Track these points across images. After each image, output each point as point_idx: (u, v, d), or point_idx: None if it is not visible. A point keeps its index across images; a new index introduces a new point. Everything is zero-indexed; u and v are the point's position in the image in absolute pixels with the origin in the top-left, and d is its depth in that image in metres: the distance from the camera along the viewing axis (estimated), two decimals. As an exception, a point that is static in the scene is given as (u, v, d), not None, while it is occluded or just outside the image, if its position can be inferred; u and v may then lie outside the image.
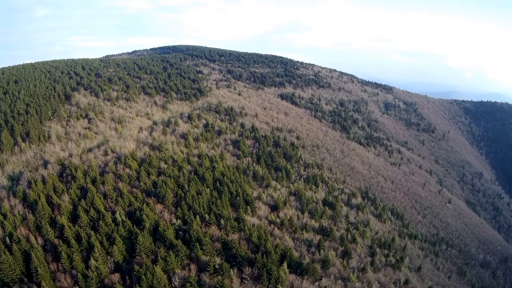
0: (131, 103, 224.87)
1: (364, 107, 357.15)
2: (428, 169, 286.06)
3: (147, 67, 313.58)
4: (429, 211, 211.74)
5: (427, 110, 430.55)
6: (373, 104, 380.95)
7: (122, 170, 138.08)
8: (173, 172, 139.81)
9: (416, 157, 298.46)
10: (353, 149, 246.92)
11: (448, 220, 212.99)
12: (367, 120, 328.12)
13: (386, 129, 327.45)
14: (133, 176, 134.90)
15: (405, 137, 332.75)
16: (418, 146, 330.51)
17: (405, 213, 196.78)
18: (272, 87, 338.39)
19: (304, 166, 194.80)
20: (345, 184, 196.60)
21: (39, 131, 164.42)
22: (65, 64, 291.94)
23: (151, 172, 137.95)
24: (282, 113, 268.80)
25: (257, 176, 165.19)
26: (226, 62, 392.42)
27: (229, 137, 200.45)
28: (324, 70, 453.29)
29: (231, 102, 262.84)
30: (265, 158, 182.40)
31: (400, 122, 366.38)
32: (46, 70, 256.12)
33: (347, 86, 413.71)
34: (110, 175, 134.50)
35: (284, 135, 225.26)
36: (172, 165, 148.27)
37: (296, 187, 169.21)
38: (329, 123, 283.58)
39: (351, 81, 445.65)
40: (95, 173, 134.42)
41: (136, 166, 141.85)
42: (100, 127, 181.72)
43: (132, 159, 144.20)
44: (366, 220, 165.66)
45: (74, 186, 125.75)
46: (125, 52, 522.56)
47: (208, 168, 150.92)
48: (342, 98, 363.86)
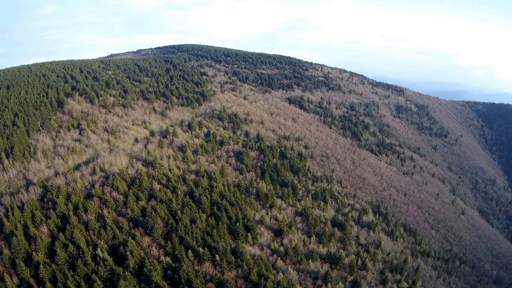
0: (127, 110, 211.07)
1: (375, 110, 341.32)
2: (441, 177, 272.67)
3: (149, 69, 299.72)
4: (442, 225, 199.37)
5: (439, 113, 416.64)
6: (385, 107, 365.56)
7: (109, 194, 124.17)
8: (165, 195, 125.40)
9: (429, 164, 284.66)
10: (364, 158, 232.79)
11: (462, 233, 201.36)
12: (379, 125, 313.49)
13: (398, 134, 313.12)
14: (120, 201, 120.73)
15: (417, 143, 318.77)
16: (431, 152, 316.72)
17: (418, 228, 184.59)
18: (279, 90, 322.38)
19: (312, 179, 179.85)
20: (355, 199, 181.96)
21: (25, 146, 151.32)
22: (62, 66, 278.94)
23: (141, 196, 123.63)
24: (290, 119, 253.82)
25: (260, 194, 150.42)
26: (232, 63, 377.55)
27: (232, 148, 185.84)
28: (334, 71, 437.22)
29: (235, 107, 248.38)
30: (270, 172, 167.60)
31: (412, 126, 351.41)
32: (41, 74, 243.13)
33: (357, 88, 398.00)
34: (95, 200, 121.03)
35: (291, 144, 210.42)
36: (165, 186, 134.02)
37: (303, 205, 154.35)
38: (339, 129, 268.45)
39: (361, 83, 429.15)
40: (79, 197, 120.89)
41: (125, 188, 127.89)
42: (91, 139, 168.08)
43: (121, 180, 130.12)
44: (377, 240, 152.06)
45: (54, 215, 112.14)
46: (130, 51, 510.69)
47: (205, 188, 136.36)
48: (352, 101, 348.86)
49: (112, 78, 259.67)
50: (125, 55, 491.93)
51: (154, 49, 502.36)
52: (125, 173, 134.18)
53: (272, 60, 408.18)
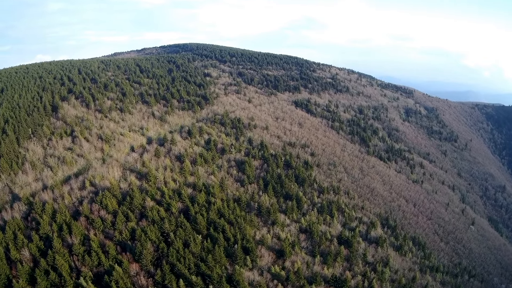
0: (125, 115, 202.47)
1: (384, 114, 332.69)
2: (451, 184, 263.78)
3: (150, 69, 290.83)
4: (452, 237, 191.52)
5: (448, 116, 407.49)
6: (394, 111, 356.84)
7: (97, 212, 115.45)
8: (158, 215, 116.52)
9: (438, 171, 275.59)
10: (373, 166, 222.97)
11: (471, 245, 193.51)
12: (388, 129, 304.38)
13: (408, 139, 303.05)
14: (108, 221, 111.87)
15: (427, 148, 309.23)
16: (441, 157, 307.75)
17: (428, 241, 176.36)
18: (286, 92, 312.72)
19: (318, 190, 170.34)
20: (363, 211, 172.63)
21: (13, 156, 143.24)
22: (61, 66, 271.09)
23: (131, 216, 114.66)
24: (296, 124, 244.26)
25: (262, 209, 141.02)
26: (237, 64, 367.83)
27: (234, 157, 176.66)
28: (342, 72, 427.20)
29: (239, 111, 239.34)
30: (274, 184, 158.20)
31: (421, 130, 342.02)
32: (37, 75, 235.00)
33: (366, 90, 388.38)
34: (81, 220, 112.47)
35: (297, 151, 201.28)
36: (158, 203, 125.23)
37: (308, 220, 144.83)
38: (347, 134, 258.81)
39: (370, 84, 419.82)
40: (65, 216, 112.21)
41: (115, 205, 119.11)
42: (84, 147, 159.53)
43: (111, 196, 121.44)
44: (385, 256, 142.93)
45: (36, 238, 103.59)
46: (134, 50, 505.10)
47: (202, 205, 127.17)
48: (361, 104, 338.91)
49: (111, 79, 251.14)
50: (129, 53, 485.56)
51: (159, 48, 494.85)
52: (116, 189, 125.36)
53: (278, 60, 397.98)
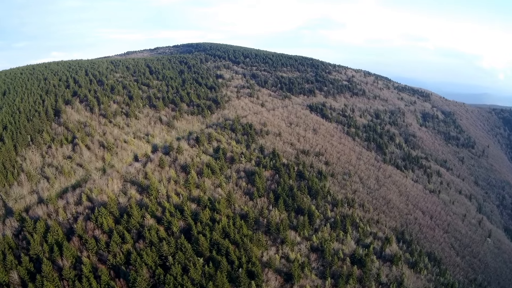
0: (130, 120, 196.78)
1: (401, 118, 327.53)
2: (468, 193, 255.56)
3: (160, 71, 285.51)
4: (468, 251, 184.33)
5: (465, 121, 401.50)
6: (411, 115, 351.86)
7: (91, 232, 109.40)
8: (156, 235, 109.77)
9: (455, 179, 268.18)
10: (389, 175, 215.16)
11: (487, 259, 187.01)
12: (404, 135, 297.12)
13: (425, 145, 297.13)
14: (102, 242, 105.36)
15: (444, 155, 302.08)
16: (458, 165, 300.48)
17: (443, 256, 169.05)
18: (300, 95, 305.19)
19: (332, 204, 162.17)
20: (378, 225, 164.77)
21: (10, 165, 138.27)
22: (68, 67, 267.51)
23: (127, 237, 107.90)
24: (311, 130, 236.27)
25: (271, 226, 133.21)
26: (251, 65, 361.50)
27: (244, 167, 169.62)
28: (358, 75, 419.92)
29: (251, 116, 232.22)
30: (285, 197, 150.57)
31: (439, 136, 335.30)
32: (42, 77, 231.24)
33: (382, 94, 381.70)
34: (74, 240, 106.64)
35: (310, 160, 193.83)
36: (159, 221, 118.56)
37: (320, 237, 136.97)
38: (363, 141, 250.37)
39: (386, 87, 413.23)
40: (58, 236, 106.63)
41: (111, 223, 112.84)
42: (84, 156, 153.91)
43: (107, 213, 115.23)
44: (400, 275, 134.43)
45: (26, 259, 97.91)
46: (147, 49, 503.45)
47: (206, 224, 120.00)
48: (377, 108, 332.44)
49: (119, 81, 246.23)
50: (142, 53, 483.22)
51: (172, 47, 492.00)
52: (113, 205, 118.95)
53: (293, 62, 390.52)
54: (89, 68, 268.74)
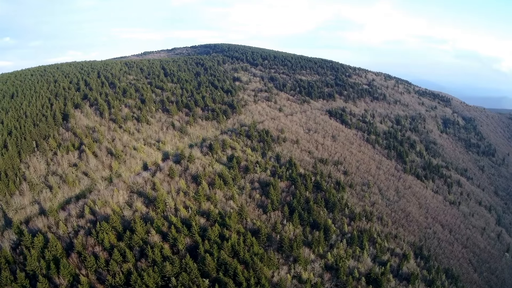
0: (141, 125, 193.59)
1: (422, 124, 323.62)
2: (487, 204, 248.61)
3: (175, 73, 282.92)
4: (486, 267, 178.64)
5: (486, 128, 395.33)
6: (431, 121, 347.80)
7: (91, 248, 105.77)
8: (160, 254, 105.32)
9: (475, 189, 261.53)
10: (409, 186, 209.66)
11: (505, 275, 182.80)
12: (425, 142, 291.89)
13: (445, 153, 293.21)
14: (102, 260, 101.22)
15: (464, 163, 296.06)
16: (478, 174, 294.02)
17: (461, 273, 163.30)
18: (319, 99, 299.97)
19: (349, 217, 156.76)
20: (396, 240, 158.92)
21: (12, 173, 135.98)
22: (80, 68, 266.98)
23: (128, 256, 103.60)
24: (329, 137, 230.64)
25: (284, 243, 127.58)
26: (269, 67, 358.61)
27: (258, 177, 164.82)
28: (378, 78, 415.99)
29: (268, 122, 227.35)
30: (300, 210, 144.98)
31: (459, 143, 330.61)
32: (53, 79, 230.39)
33: (403, 98, 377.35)
34: (73, 257, 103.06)
35: (328, 169, 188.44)
36: (164, 237, 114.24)
37: (336, 254, 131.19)
38: (383, 149, 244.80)
39: (407, 91, 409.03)
40: (56, 251, 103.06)
41: (113, 239, 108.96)
42: (90, 164, 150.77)
43: (110, 229, 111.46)
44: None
45: (21, 276, 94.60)
46: (164, 49, 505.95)
47: (214, 242, 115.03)
48: (398, 113, 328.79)
49: (132, 84, 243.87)
50: (159, 53, 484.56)
51: (189, 48, 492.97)
52: (116, 219, 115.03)
53: (313, 64, 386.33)
54: (102, 69, 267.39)
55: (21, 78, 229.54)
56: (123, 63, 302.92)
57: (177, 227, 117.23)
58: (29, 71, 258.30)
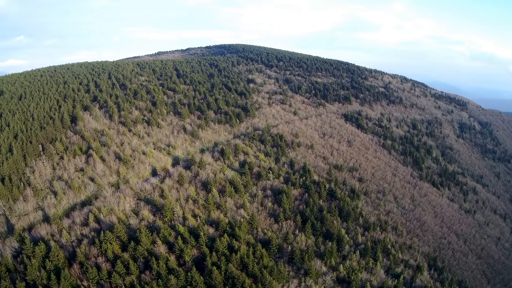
0: (151, 129, 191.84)
1: (438, 129, 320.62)
2: (503, 213, 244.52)
3: (189, 74, 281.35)
4: (499, 278, 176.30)
5: (502, 132, 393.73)
6: (448, 125, 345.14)
7: (94, 259, 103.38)
8: (165, 266, 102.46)
9: (491, 197, 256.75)
10: (425, 194, 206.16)
11: None
12: (441, 147, 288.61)
13: (461, 159, 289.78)
14: (104, 271, 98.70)
15: (480, 169, 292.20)
16: (494, 180, 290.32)
17: (474, 285, 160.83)
18: (335, 103, 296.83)
19: (363, 227, 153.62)
20: (411, 251, 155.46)
21: (16, 178, 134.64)
22: (91, 69, 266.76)
23: (132, 268, 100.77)
24: (345, 141, 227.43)
25: (295, 255, 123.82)
26: (284, 69, 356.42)
27: (271, 184, 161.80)
28: (395, 81, 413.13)
29: (282, 125, 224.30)
30: (313, 220, 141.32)
31: (475, 149, 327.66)
32: (62, 80, 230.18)
33: (420, 102, 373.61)
34: (75, 267, 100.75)
35: (343, 176, 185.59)
36: (170, 248, 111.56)
37: (348, 266, 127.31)
38: (399, 155, 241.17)
39: (423, 95, 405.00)
40: (58, 260, 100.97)
41: (117, 250, 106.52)
42: (97, 169, 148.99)
43: (114, 238, 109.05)
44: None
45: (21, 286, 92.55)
46: (178, 49, 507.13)
47: (222, 253, 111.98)
48: (414, 117, 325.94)
49: (143, 86, 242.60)
50: (173, 53, 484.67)
51: (204, 48, 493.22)
52: (121, 229, 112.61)
53: (328, 66, 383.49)
54: (113, 70, 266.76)
55: (31, 79, 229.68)
56: (135, 64, 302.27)
57: (184, 238, 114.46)
58: (39, 71, 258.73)
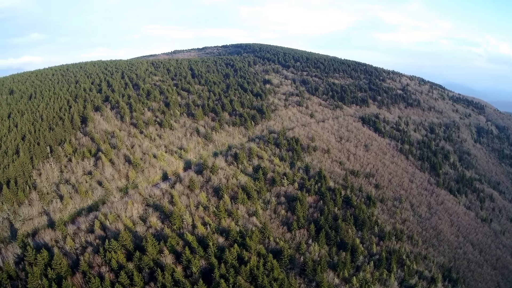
0: (164, 130, 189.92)
1: (456, 133, 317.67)
2: None
3: (204, 74, 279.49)
4: None
5: None
6: (465, 130, 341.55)
7: (98, 268, 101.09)
8: (171, 278, 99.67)
9: (507, 205, 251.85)
10: (442, 201, 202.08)
11: None
12: (459, 152, 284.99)
13: (479, 165, 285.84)
14: (107, 282, 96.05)
15: (497, 176, 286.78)
16: (510, 187, 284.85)
17: None
18: (352, 105, 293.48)
19: (379, 236, 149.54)
20: (426, 262, 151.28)
21: (22, 181, 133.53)
22: (104, 68, 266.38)
23: (136, 279, 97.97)
24: (362, 146, 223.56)
25: (307, 267, 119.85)
26: (301, 69, 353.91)
27: (285, 190, 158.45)
28: (413, 83, 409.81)
29: (298, 128, 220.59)
30: (328, 229, 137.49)
31: (493, 154, 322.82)
32: (74, 80, 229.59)
33: (437, 105, 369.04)
34: (77, 276, 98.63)
35: (360, 183, 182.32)
36: (177, 258, 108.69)
37: (362, 278, 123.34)
38: (416, 160, 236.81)
39: (441, 97, 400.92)
40: (60, 269, 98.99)
41: (122, 259, 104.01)
42: (106, 172, 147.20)
43: (119, 247, 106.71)
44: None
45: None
46: (194, 48, 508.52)
47: (231, 265, 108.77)
48: (432, 121, 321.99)
49: (156, 86, 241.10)
50: (189, 52, 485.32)
51: (220, 47, 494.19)
52: (127, 237, 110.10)
53: (346, 67, 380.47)
54: (127, 70, 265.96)
55: (42, 78, 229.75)
56: (150, 63, 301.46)
57: (192, 248, 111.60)
58: (51, 70, 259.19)
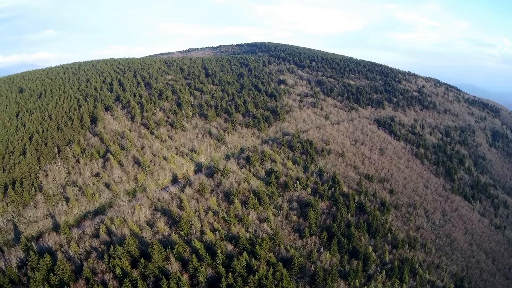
0: (175, 131, 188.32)
1: (471, 137, 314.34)
2: None
3: (217, 74, 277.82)
4: None
5: None
6: (481, 133, 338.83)
7: (101, 275, 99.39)
8: (176, 286, 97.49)
9: None
10: (456, 208, 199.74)
11: None
12: (474, 157, 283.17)
13: (494, 170, 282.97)
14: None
15: None
16: None
17: None
18: (368, 107, 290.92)
19: (392, 244, 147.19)
20: (438, 271, 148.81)
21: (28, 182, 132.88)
22: (116, 66, 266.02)
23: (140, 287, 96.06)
24: (377, 149, 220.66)
25: (317, 276, 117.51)
26: (316, 70, 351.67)
27: (298, 195, 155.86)
28: (428, 84, 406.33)
29: (313, 131, 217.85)
30: (340, 236, 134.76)
31: (507, 159, 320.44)
32: (85, 78, 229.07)
33: (453, 107, 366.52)
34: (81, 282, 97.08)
35: (374, 187, 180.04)
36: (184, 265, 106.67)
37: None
38: (431, 164, 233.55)
39: (457, 100, 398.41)
40: (64, 274, 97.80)
41: (126, 266, 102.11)
42: (114, 174, 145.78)
43: (124, 253, 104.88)
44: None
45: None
46: (209, 47, 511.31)
47: (239, 274, 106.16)
48: (447, 124, 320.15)
49: (169, 85, 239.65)
50: (204, 50, 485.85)
51: (235, 46, 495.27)
52: (132, 243, 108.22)
53: (362, 68, 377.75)
54: (139, 68, 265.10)
55: (52, 76, 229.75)
56: (163, 62, 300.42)
57: (199, 255, 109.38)
58: (62, 68, 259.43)
